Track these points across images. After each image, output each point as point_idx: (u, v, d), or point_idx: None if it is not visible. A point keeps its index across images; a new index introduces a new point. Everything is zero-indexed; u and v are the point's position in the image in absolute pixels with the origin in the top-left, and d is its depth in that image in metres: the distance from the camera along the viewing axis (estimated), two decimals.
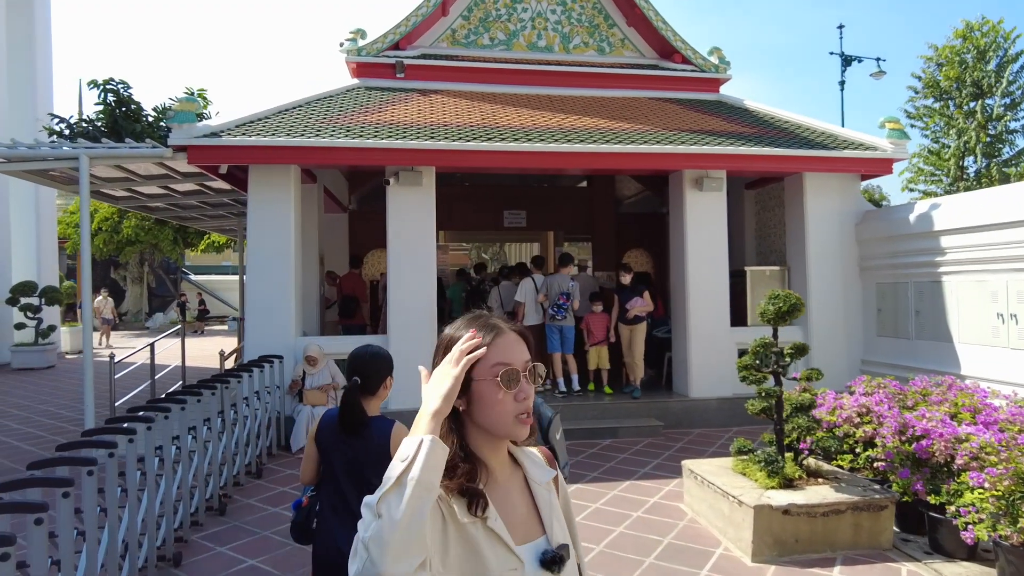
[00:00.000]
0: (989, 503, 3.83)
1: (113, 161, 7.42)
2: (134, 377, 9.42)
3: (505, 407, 1.20)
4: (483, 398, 1.21)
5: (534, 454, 1.39)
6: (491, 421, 1.21)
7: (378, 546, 0.99)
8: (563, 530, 1.31)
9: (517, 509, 1.26)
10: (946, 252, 7.29)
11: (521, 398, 1.21)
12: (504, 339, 1.23)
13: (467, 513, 1.17)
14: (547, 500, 1.31)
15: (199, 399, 5.12)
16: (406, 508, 1.00)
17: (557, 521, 1.30)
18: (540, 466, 1.36)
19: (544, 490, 1.32)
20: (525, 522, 1.26)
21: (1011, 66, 18.99)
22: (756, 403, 4.85)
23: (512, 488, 1.28)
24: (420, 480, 1.02)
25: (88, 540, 3.25)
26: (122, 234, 21.60)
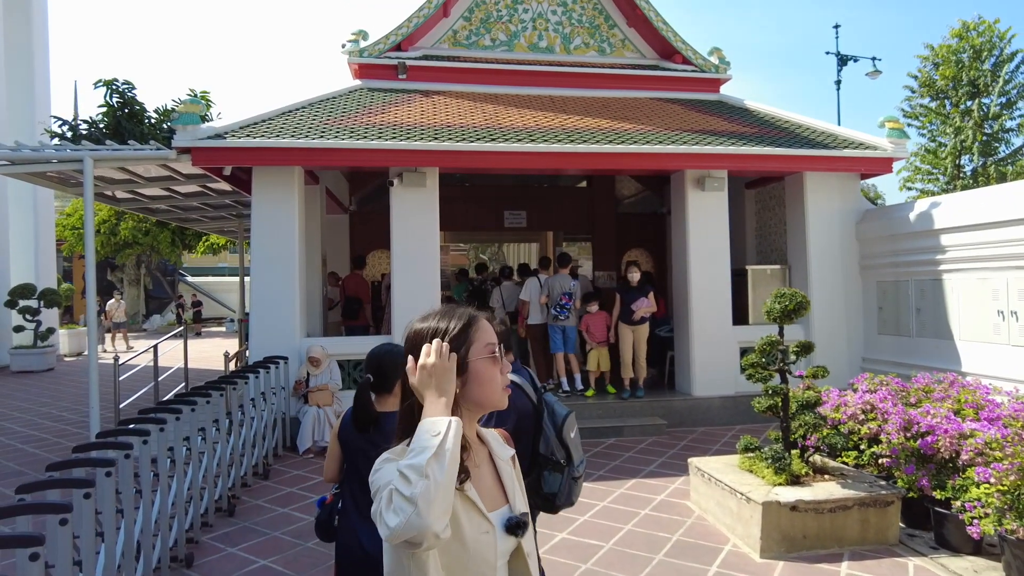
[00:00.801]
0: (995, 498, 3.87)
1: (117, 163, 7.42)
2: (137, 379, 9.42)
3: (497, 380, 1.40)
4: (480, 375, 1.39)
5: (495, 434, 1.55)
6: (487, 394, 1.40)
7: (426, 502, 1.14)
8: (524, 502, 1.48)
9: (485, 480, 1.42)
10: (947, 250, 7.35)
11: (505, 371, 1.43)
12: (485, 324, 1.44)
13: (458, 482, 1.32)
14: (510, 473, 1.47)
15: (208, 400, 5.14)
16: (446, 473, 1.17)
17: (519, 493, 1.47)
18: (501, 444, 1.53)
19: (507, 464, 1.48)
20: (492, 492, 1.42)
21: (1007, 65, 19.10)
22: (763, 400, 4.89)
23: (481, 462, 1.44)
24: (452, 452, 1.19)
25: (107, 541, 3.27)
26: (120, 236, 21.55)
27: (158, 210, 11.95)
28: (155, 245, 21.93)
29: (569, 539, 4.72)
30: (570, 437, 2.69)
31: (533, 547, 1.49)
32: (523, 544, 1.40)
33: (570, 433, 2.71)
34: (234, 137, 7.34)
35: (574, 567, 4.25)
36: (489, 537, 1.33)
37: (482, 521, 1.33)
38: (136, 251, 22.32)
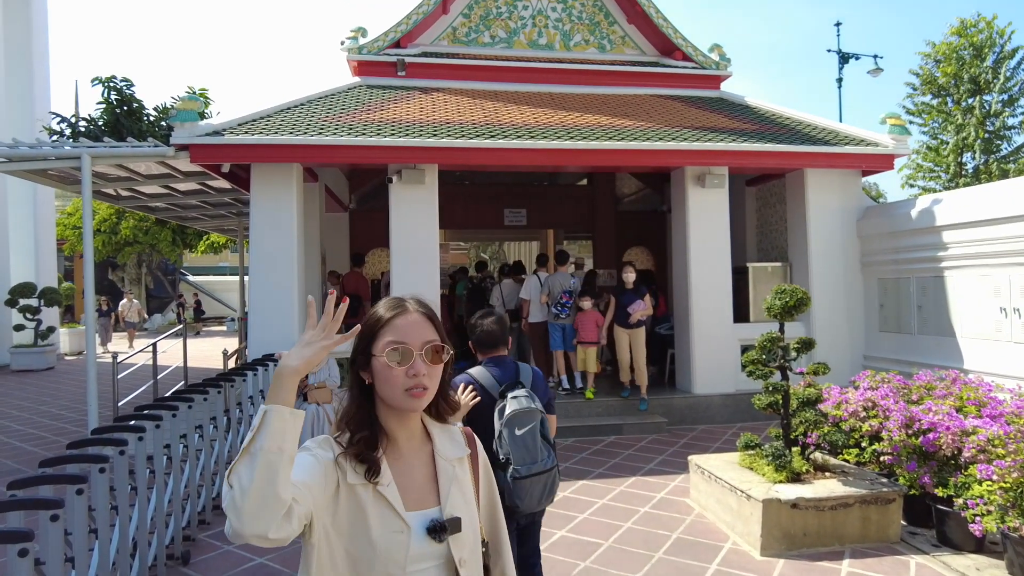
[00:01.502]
0: (997, 495, 3.84)
1: (115, 160, 7.40)
2: (136, 378, 9.40)
3: (396, 381, 1.30)
4: (379, 373, 1.32)
5: (453, 431, 1.48)
6: (386, 394, 1.33)
7: (234, 513, 1.09)
8: (465, 504, 1.38)
9: (416, 478, 1.36)
10: (948, 247, 7.31)
11: (411, 374, 1.31)
12: (402, 320, 1.34)
13: (359, 476, 1.28)
14: (449, 473, 1.39)
15: (205, 398, 5.12)
16: (256, 475, 1.09)
17: (460, 495, 1.38)
18: (455, 442, 1.46)
19: (448, 464, 1.40)
20: (421, 491, 1.35)
21: (1007, 62, 19.05)
22: (763, 398, 4.86)
23: (416, 459, 1.38)
24: (266, 448, 1.10)
25: (100, 538, 3.24)
26: (120, 235, 21.54)
27: (157, 208, 11.94)
28: (156, 244, 21.91)
29: (568, 537, 4.69)
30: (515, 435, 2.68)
31: (472, 555, 1.38)
32: (453, 550, 1.31)
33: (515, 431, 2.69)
34: (232, 134, 7.32)
35: (573, 565, 4.22)
36: (401, 537, 1.27)
37: (395, 520, 1.28)
38: (136, 250, 22.29)
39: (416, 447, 1.40)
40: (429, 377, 1.32)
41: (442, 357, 1.35)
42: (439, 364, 1.35)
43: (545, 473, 2.67)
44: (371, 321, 1.37)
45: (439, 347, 1.35)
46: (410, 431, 1.39)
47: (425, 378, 1.31)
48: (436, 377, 1.35)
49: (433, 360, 1.33)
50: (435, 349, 1.34)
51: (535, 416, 2.69)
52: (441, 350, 1.35)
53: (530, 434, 2.66)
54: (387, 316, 1.35)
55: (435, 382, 1.35)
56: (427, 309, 1.39)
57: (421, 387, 1.31)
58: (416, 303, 1.39)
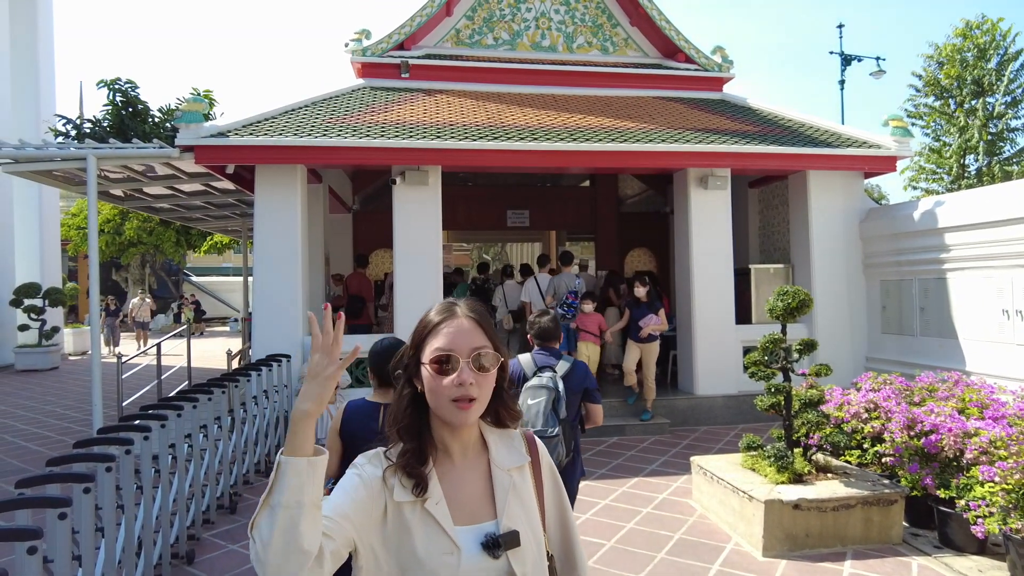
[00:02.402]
0: (999, 497, 3.85)
1: (120, 161, 7.44)
2: (140, 378, 9.44)
3: (442, 391, 1.23)
4: (426, 381, 1.26)
5: (513, 437, 1.38)
6: (433, 404, 1.26)
7: (259, 566, 1.06)
8: (526, 516, 1.29)
9: (470, 492, 1.27)
10: (951, 249, 7.31)
11: (456, 383, 1.22)
12: (450, 325, 1.27)
13: (407, 493, 1.21)
14: (506, 484, 1.29)
15: (210, 398, 5.15)
16: (276, 530, 1.05)
17: (519, 506, 1.29)
18: (513, 449, 1.36)
19: (505, 474, 1.30)
20: (476, 504, 1.27)
21: (1011, 64, 19.02)
22: (765, 399, 4.87)
23: (471, 471, 1.30)
24: (284, 503, 1.05)
25: (107, 536, 3.27)
26: (124, 236, 21.59)
27: (162, 209, 11.98)
28: (159, 245, 21.97)
29: None
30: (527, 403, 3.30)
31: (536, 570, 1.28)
32: (513, 565, 1.22)
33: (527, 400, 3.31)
34: (237, 135, 7.35)
35: None
36: (450, 559, 1.19)
37: (443, 540, 1.20)
38: (140, 250, 22.34)
39: (472, 458, 1.31)
40: (478, 387, 1.24)
41: (491, 365, 1.26)
42: (488, 372, 1.26)
43: (547, 439, 3.16)
44: (420, 326, 1.32)
45: (488, 354, 1.26)
46: (464, 442, 1.31)
47: (473, 388, 1.23)
48: (486, 386, 1.26)
49: (481, 368, 1.24)
50: (483, 356, 1.25)
51: (545, 393, 3.27)
52: (490, 358, 1.27)
53: (540, 405, 3.24)
54: (435, 321, 1.29)
55: (485, 392, 1.26)
56: (478, 314, 1.31)
57: (468, 398, 1.22)
58: (467, 308, 1.31)
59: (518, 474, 1.33)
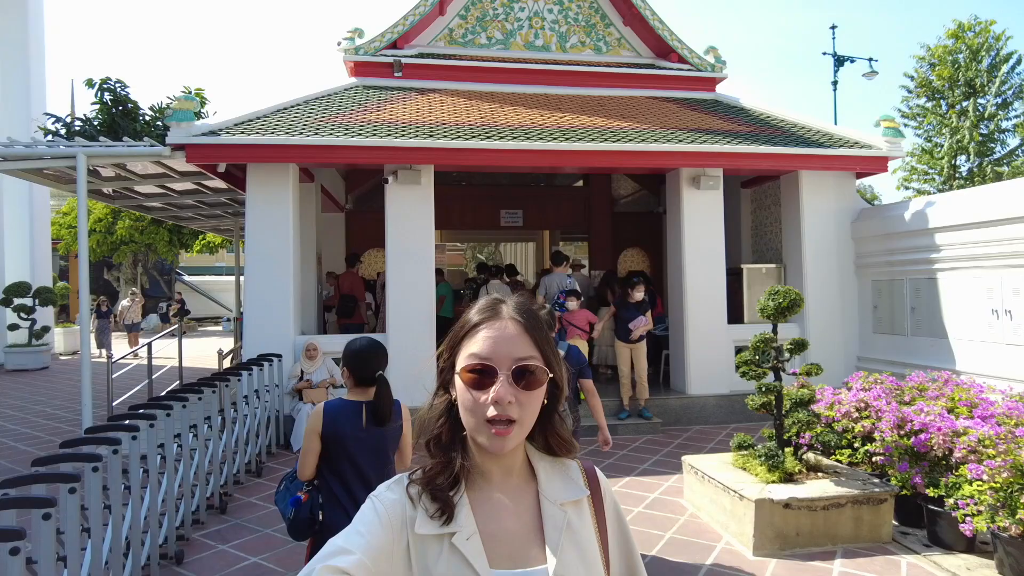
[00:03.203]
0: (987, 495, 3.87)
1: (111, 160, 7.39)
2: (131, 377, 9.40)
3: (475, 409, 1.01)
4: (459, 394, 1.05)
5: (568, 467, 1.14)
6: (466, 422, 1.04)
7: None
8: (582, 562, 1.04)
9: (512, 527, 1.04)
10: (941, 249, 7.35)
11: (492, 401, 1.00)
12: (491, 328, 1.05)
13: (431, 523, 0.99)
14: (559, 521, 1.05)
15: (200, 397, 5.12)
16: None
17: (575, 549, 1.05)
18: (568, 480, 1.11)
19: (557, 509, 1.07)
20: (521, 543, 1.03)
21: (1003, 66, 19.14)
22: (756, 398, 4.88)
23: (516, 501, 1.07)
24: None
25: (93, 537, 3.24)
26: (116, 235, 21.47)
27: (153, 208, 11.92)
28: (152, 244, 21.85)
29: None
30: None
31: None
32: None
33: None
34: (228, 134, 7.32)
35: None
36: None
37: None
38: (132, 249, 22.21)
39: (516, 486, 1.08)
40: (519, 406, 1.01)
41: (537, 381, 1.03)
42: (533, 391, 1.03)
43: None
44: (458, 326, 1.11)
45: (535, 368, 1.03)
46: (507, 466, 1.07)
47: (512, 407, 1.00)
48: (530, 406, 1.03)
49: (525, 385, 1.01)
50: (528, 370, 1.02)
51: None
52: (535, 372, 1.03)
53: None
54: (474, 322, 1.07)
55: (528, 412, 1.03)
56: (527, 317, 1.07)
57: (505, 419, 0.99)
58: (514, 308, 1.08)
59: (574, 510, 1.09)
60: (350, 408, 2.63)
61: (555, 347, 1.09)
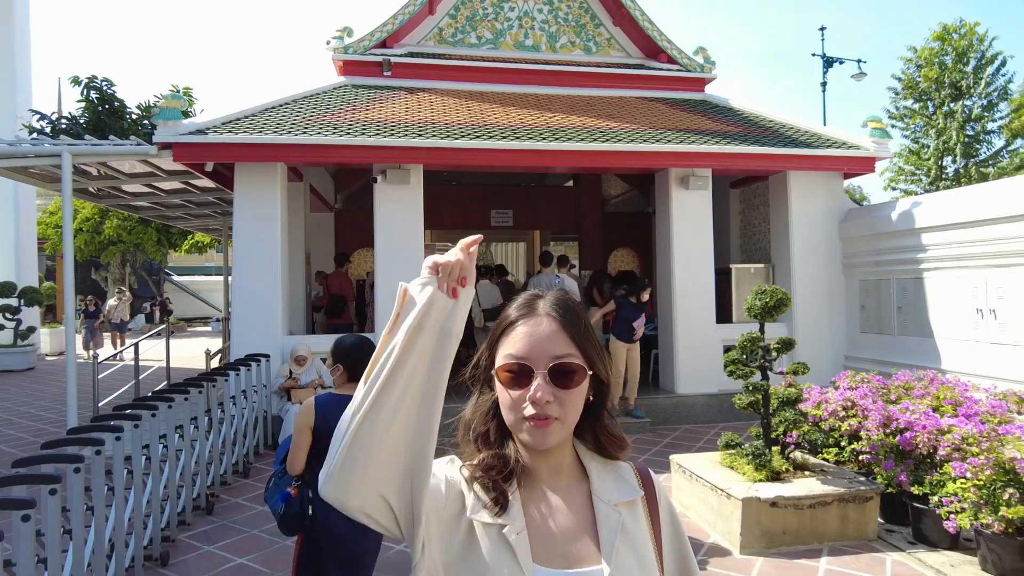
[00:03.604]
0: (971, 492, 3.90)
1: (97, 158, 7.33)
2: (117, 378, 9.32)
3: (514, 407, 1.01)
4: (498, 392, 1.05)
5: (620, 468, 1.11)
6: (506, 420, 1.04)
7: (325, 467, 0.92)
8: (639, 566, 1.02)
9: (563, 526, 1.02)
10: (927, 249, 7.41)
11: (527, 399, 0.99)
12: (528, 325, 1.04)
13: (483, 512, 0.99)
14: (614, 522, 1.03)
15: (186, 397, 5.08)
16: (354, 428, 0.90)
17: (632, 552, 1.02)
18: (621, 481, 1.09)
19: (612, 510, 1.04)
20: (572, 543, 1.01)
21: (988, 68, 19.34)
22: (743, 397, 4.90)
23: (566, 500, 1.05)
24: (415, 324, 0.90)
25: (75, 539, 3.21)
26: (104, 235, 21.28)
27: (141, 207, 11.83)
28: (140, 244, 21.68)
29: None
30: None
31: None
32: None
33: None
34: (216, 133, 7.27)
35: None
36: None
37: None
38: (120, 249, 22.02)
39: (566, 485, 1.06)
40: (560, 404, 1.00)
41: (574, 380, 1.01)
42: (572, 389, 1.01)
43: None
44: (497, 322, 1.10)
45: (572, 365, 1.01)
46: (555, 464, 1.06)
47: (551, 407, 0.99)
48: (571, 404, 1.01)
49: (563, 384, 1.00)
50: (565, 368, 1.00)
51: None
52: (574, 370, 1.01)
53: None
54: (511, 319, 1.06)
55: (570, 410, 1.02)
56: (564, 313, 1.04)
57: (544, 417, 0.99)
58: (553, 304, 1.06)
59: (628, 512, 1.06)
60: (342, 401, 2.66)
61: (596, 342, 1.07)
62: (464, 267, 0.94)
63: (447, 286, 0.92)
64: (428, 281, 0.92)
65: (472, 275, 0.94)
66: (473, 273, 0.94)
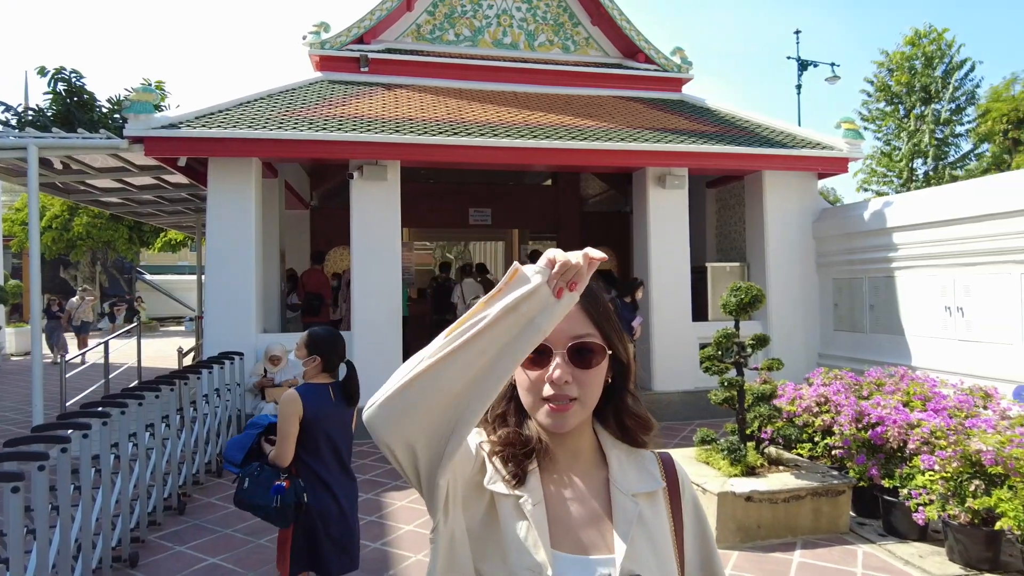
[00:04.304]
0: (939, 485, 3.98)
1: (64, 152, 7.15)
2: (86, 377, 9.10)
3: (532, 388, 1.01)
4: (516, 374, 1.02)
5: (643, 457, 1.09)
6: (524, 402, 1.04)
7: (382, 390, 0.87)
8: (655, 559, 1.01)
9: (577, 511, 1.02)
10: (898, 248, 7.54)
11: (555, 380, 0.98)
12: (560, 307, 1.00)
13: (502, 484, 1.00)
14: (630, 513, 1.02)
15: (157, 395, 4.98)
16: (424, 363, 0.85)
17: (648, 544, 1.01)
18: (643, 471, 1.07)
19: (629, 500, 1.03)
20: (585, 529, 1.01)
21: (956, 73, 19.79)
22: (719, 393, 4.94)
23: (583, 485, 1.04)
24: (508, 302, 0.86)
25: (39, 539, 3.12)
26: (73, 232, 20.80)
27: (111, 204, 11.58)
28: (111, 241, 21.23)
29: None
30: None
31: None
32: None
33: None
34: (189, 127, 7.14)
35: None
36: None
37: (528, 555, 0.96)
38: (90, 246, 21.54)
39: (585, 472, 1.05)
40: (579, 385, 0.99)
41: (595, 360, 1.00)
42: (591, 369, 1.00)
43: None
44: None
45: (592, 345, 1.01)
46: (573, 448, 1.06)
47: (570, 387, 0.99)
48: (591, 385, 1.01)
49: (583, 363, 1.00)
50: (585, 348, 1.00)
51: None
52: (593, 350, 1.00)
53: None
54: None
55: (590, 392, 1.01)
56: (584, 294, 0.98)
57: (564, 398, 0.99)
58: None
59: (647, 503, 1.04)
60: (320, 390, 2.79)
61: (616, 324, 1.06)
62: (580, 272, 0.90)
63: (555, 283, 0.89)
64: (541, 271, 0.89)
65: (583, 283, 0.91)
66: (585, 281, 0.92)
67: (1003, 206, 6.10)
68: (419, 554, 4.38)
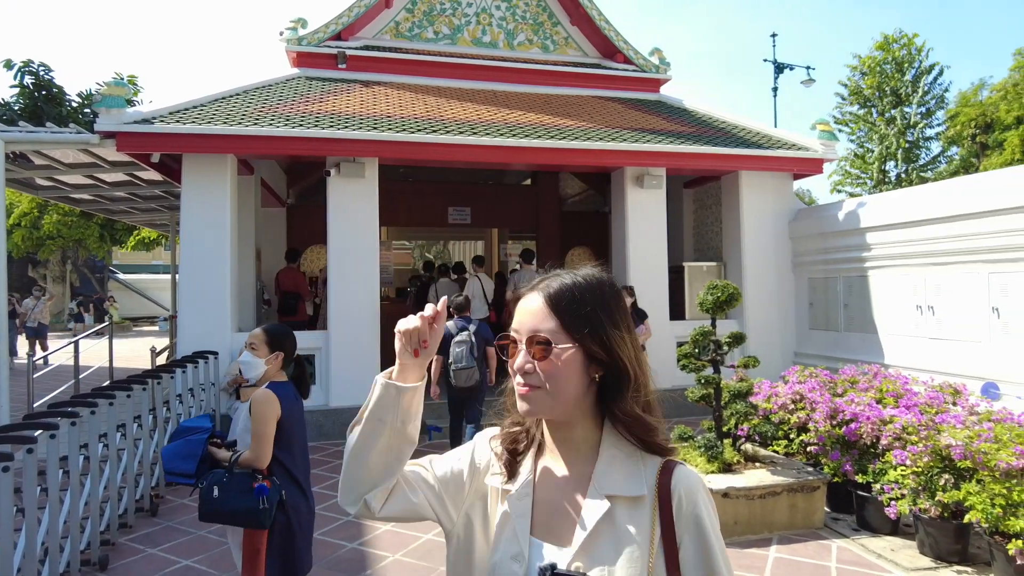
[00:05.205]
0: (910, 479, 4.05)
1: (32, 146, 6.99)
2: (55, 378, 8.91)
3: (510, 375, 1.10)
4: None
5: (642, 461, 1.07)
6: None
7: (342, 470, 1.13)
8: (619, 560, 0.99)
9: (560, 504, 1.07)
10: (872, 248, 7.67)
11: (518, 368, 1.06)
12: (525, 301, 1.10)
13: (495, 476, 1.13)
14: (596, 512, 1.02)
15: (129, 395, 4.88)
16: (357, 437, 1.10)
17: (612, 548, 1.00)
18: (631, 475, 1.05)
19: (600, 500, 1.03)
20: (559, 521, 1.05)
21: (925, 77, 20.20)
22: (696, 391, 4.97)
23: (574, 480, 1.07)
24: (371, 413, 1.09)
25: (2, 543, 3.04)
26: (43, 229, 20.32)
27: (82, 200, 11.34)
28: (82, 239, 20.77)
29: None
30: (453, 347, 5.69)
31: None
32: None
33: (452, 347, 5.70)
34: (163, 122, 7.02)
35: None
36: (517, 567, 1.02)
37: (513, 543, 1.05)
38: (60, 244, 21.06)
39: (580, 466, 1.08)
40: (543, 375, 1.03)
41: (552, 352, 1.03)
42: (546, 360, 1.03)
43: (466, 369, 5.67)
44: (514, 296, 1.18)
45: (541, 339, 1.04)
46: (571, 441, 1.09)
47: (533, 376, 1.04)
48: (556, 376, 1.03)
49: (534, 354, 1.04)
50: (540, 341, 1.04)
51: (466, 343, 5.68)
52: (542, 342, 1.04)
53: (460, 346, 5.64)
54: (518, 296, 1.12)
55: (556, 383, 1.03)
56: (554, 291, 1.07)
57: (525, 386, 1.05)
58: (547, 282, 1.10)
59: (625, 506, 1.03)
60: (288, 388, 2.80)
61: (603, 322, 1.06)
62: (422, 332, 1.10)
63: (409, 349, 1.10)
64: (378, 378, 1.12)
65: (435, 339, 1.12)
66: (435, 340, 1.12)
67: (972, 207, 6.23)
68: (396, 554, 4.35)
